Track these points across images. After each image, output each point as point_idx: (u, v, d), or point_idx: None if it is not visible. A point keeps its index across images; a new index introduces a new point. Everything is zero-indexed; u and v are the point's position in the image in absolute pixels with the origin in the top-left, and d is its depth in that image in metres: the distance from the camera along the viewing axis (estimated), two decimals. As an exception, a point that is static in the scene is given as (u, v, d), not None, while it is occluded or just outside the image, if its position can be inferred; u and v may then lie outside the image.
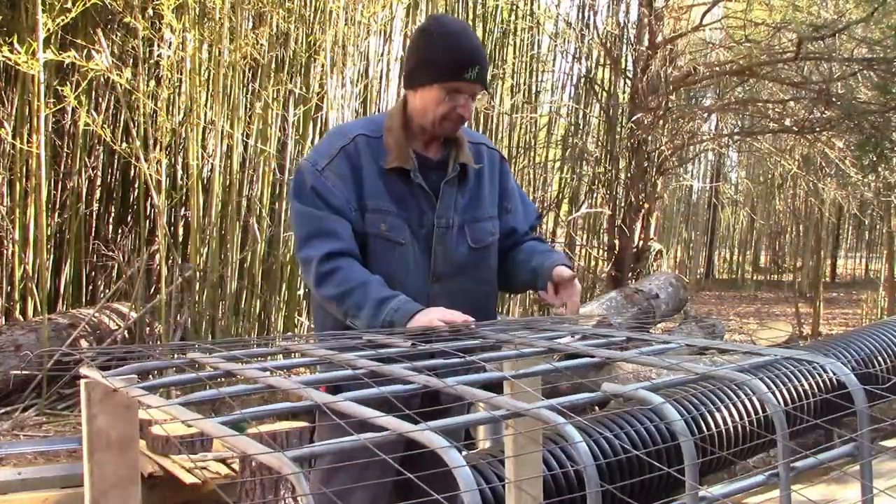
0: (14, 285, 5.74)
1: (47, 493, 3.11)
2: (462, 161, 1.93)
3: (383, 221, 1.85)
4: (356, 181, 1.86)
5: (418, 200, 1.89)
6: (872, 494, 1.12)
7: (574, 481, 2.71)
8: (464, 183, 1.96)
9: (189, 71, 5.16)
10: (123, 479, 1.10)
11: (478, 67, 1.85)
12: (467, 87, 1.86)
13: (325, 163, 1.87)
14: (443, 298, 1.85)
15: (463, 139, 1.96)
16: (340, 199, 1.84)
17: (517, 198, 2.10)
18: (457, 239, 1.92)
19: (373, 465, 1.73)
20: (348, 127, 2.00)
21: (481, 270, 1.98)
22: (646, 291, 5.95)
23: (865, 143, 6.54)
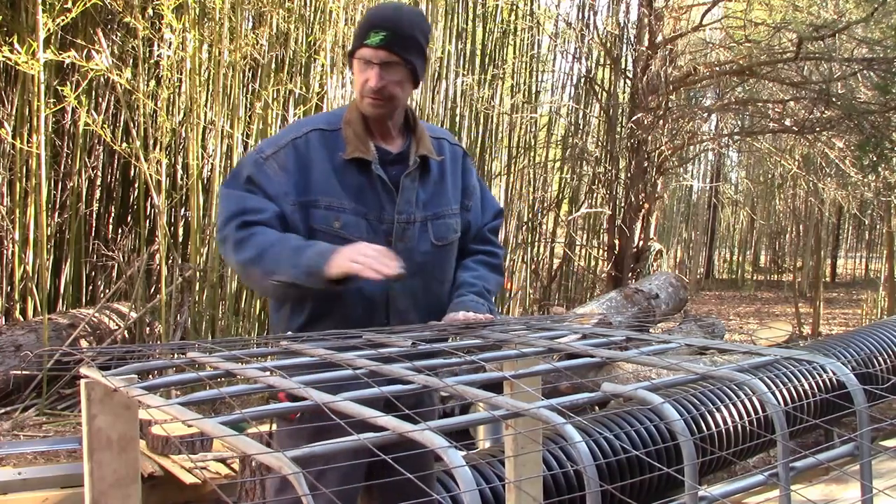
0: (14, 285, 5.74)
1: (47, 493, 3.11)
2: (422, 153, 1.84)
3: (336, 219, 1.76)
4: (301, 176, 1.77)
5: (378, 194, 1.79)
6: (872, 494, 1.12)
7: (574, 481, 2.71)
8: (425, 177, 1.86)
9: (189, 71, 5.16)
10: (123, 479, 1.10)
11: (383, 32, 1.72)
12: (371, 54, 1.73)
13: (271, 152, 1.79)
14: (404, 297, 1.80)
15: (423, 131, 1.88)
16: (276, 189, 1.75)
17: (477, 196, 2.01)
18: (419, 236, 1.83)
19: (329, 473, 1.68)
20: (306, 121, 1.91)
21: (443, 268, 1.90)
22: (646, 291, 5.95)
23: (865, 143, 6.54)
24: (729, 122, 9.93)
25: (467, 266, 1.94)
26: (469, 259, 1.97)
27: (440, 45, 7.16)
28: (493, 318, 1.72)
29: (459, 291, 1.88)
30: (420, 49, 1.79)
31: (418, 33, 1.78)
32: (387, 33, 1.72)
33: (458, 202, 1.93)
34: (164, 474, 3.08)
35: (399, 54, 1.74)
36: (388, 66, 1.74)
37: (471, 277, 1.91)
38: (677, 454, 3.01)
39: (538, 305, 8.16)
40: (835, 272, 18.63)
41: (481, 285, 1.89)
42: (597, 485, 0.92)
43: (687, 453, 0.97)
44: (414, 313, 1.82)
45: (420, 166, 1.84)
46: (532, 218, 8.36)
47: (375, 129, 1.83)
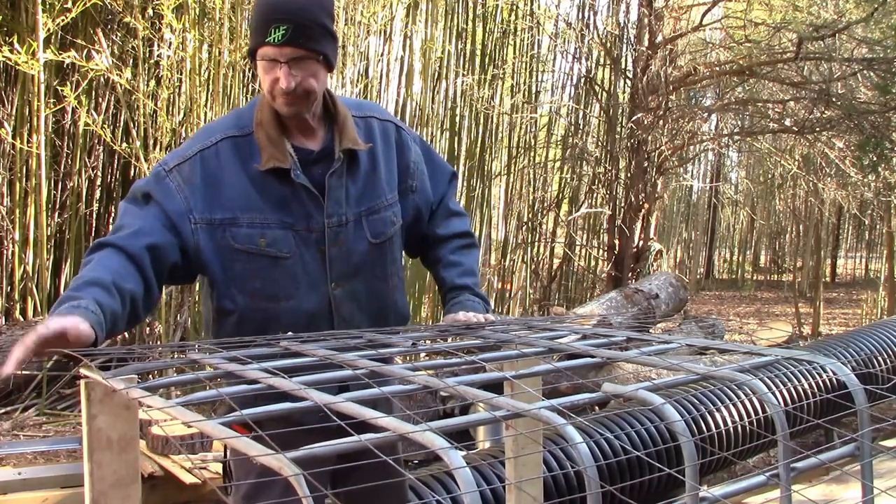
0: (14, 285, 5.73)
1: (47, 493, 3.11)
2: (347, 146, 1.65)
3: (262, 236, 1.60)
4: (211, 191, 1.60)
5: (303, 202, 1.62)
6: (873, 495, 1.12)
7: (574, 482, 2.71)
8: (354, 170, 1.68)
9: (189, 71, 5.16)
10: (123, 479, 1.10)
11: (283, 26, 1.52)
12: (276, 52, 1.54)
13: (175, 164, 1.61)
14: (347, 302, 1.68)
15: (346, 118, 1.68)
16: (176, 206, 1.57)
17: (422, 172, 1.82)
18: (354, 236, 1.68)
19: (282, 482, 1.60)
20: (215, 126, 1.70)
21: (386, 266, 1.75)
22: (646, 291, 5.95)
23: (865, 143, 6.54)
24: (729, 122, 9.93)
25: (448, 262, 1.83)
26: (444, 250, 1.85)
27: (440, 45, 7.16)
28: (493, 319, 1.71)
29: (452, 294, 1.79)
30: (327, 32, 1.61)
31: (322, 16, 1.59)
32: (288, 26, 1.53)
33: (395, 187, 1.76)
34: (164, 474, 3.07)
35: (306, 47, 1.56)
36: (297, 62, 1.56)
37: (458, 277, 1.81)
38: (678, 455, 3.01)
39: (538, 305, 8.16)
40: (835, 272, 18.63)
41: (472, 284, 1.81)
42: (597, 485, 0.91)
43: (687, 454, 0.97)
44: (360, 317, 1.72)
45: (347, 160, 1.67)
46: (532, 218, 8.35)
47: (292, 125, 1.65)
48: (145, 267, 1.52)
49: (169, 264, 1.58)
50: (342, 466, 1.63)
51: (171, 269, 1.59)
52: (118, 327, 1.44)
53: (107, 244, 1.52)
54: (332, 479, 1.73)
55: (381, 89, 6.78)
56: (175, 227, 1.58)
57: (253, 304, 1.64)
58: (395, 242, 1.78)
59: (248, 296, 1.63)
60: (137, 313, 1.51)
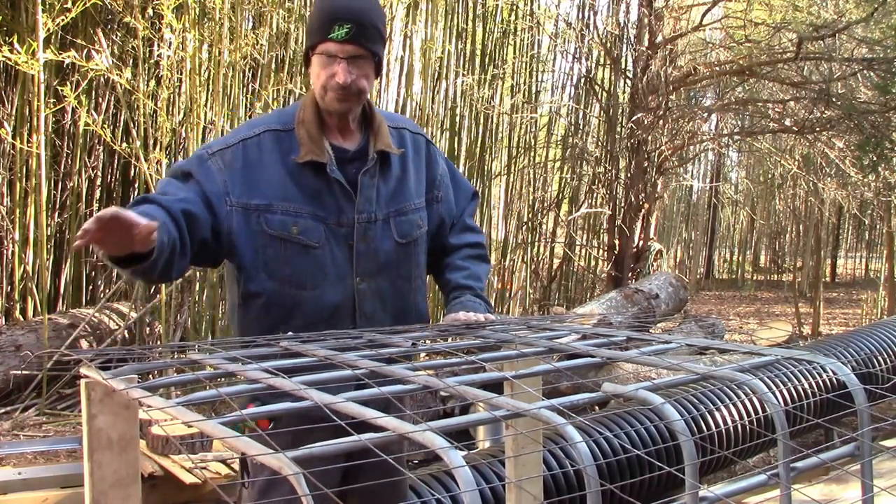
0: (14, 285, 5.73)
1: (47, 493, 3.11)
2: (381, 148, 1.76)
3: (295, 224, 1.69)
4: (249, 177, 1.69)
5: (336, 197, 1.72)
6: (873, 494, 1.12)
7: (574, 481, 2.71)
8: (386, 172, 1.78)
9: (189, 71, 5.16)
10: (123, 479, 1.10)
11: (347, 24, 1.64)
12: (337, 48, 1.65)
13: (218, 148, 1.72)
14: (370, 297, 1.75)
15: (381, 124, 1.79)
16: (215, 187, 1.67)
17: (447, 185, 1.92)
18: (381, 234, 1.76)
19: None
20: (258, 120, 1.82)
21: (409, 266, 1.82)
22: (646, 291, 5.95)
23: (865, 143, 6.54)
24: (729, 122, 9.93)
25: (456, 266, 1.89)
26: (454, 256, 1.91)
27: (440, 45, 7.16)
28: (493, 319, 1.72)
29: (454, 294, 1.84)
30: (383, 39, 1.73)
31: (380, 23, 1.71)
32: (352, 25, 1.64)
33: (423, 196, 1.85)
34: (164, 474, 3.07)
35: (367, 47, 1.67)
36: (354, 60, 1.67)
37: (462, 279, 1.86)
38: (678, 454, 3.01)
39: (538, 305, 8.16)
40: (835, 272, 18.63)
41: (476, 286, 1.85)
42: (597, 484, 0.91)
43: (687, 453, 0.97)
44: (382, 315, 1.77)
45: (379, 162, 1.77)
46: (532, 218, 8.35)
47: (333, 125, 1.75)
48: (182, 227, 1.60)
49: (199, 237, 1.65)
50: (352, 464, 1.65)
51: (201, 243, 1.66)
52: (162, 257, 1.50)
53: (150, 199, 1.60)
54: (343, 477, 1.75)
55: (381, 89, 6.78)
56: (212, 206, 1.66)
57: (280, 289, 1.70)
58: (420, 246, 1.85)
59: (277, 281, 1.70)
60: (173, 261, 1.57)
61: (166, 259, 1.54)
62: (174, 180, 1.70)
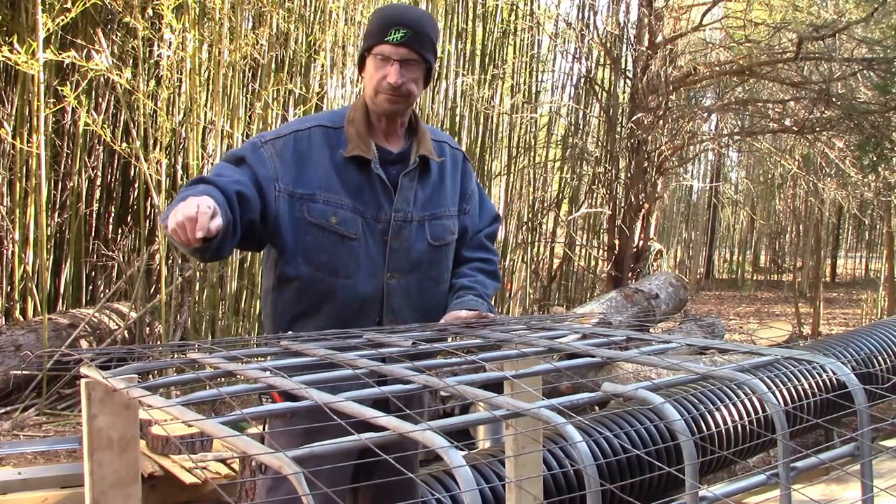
0: (14, 285, 5.73)
1: (47, 493, 3.11)
2: (423, 154, 1.86)
3: (334, 214, 1.77)
4: (297, 167, 1.78)
5: (376, 193, 1.81)
6: (873, 494, 1.12)
7: (574, 481, 2.71)
8: (425, 177, 1.88)
9: (189, 71, 5.16)
10: (123, 479, 1.10)
11: (403, 29, 1.75)
12: (391, 51, 1.76)
13: (270, 138, 1.82)
14: (398, 295, 1.82)
15: (425, 132, 1.90)
16: (265, 172, 1.76)
17: (476, 201, 2.03)
18: (416, 235, 1.84)
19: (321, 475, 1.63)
20: (310, 117, 1.92)
21: (439, 268, 1.90)
22: (646, 291, 5.95)
23: (865, 143, 6.54)
24: (729, 122, 9.94)
25: (464, 273, 1.96)
26: (465, 266, 1.98)
27: (440, 45, 7.16)
28: (494, 317, 1.73)
29: (458, 294, 1.89)
30: (435, 49, 1.84)
31: (433, 33, 1.83)
32: (407, 30, 1.75)
33: (456, 205, 1.95)
34: (164, 474, 3.07)
35: (419, 52, 1.78)
36: (407, 64, 1.77)
37: (468, 282, 1.93)
38: (678, 454, 3.01)
39: (538, 305, 8.16)
40: (835, 272, 18.64)
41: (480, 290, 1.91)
42: (597, 484, 0.92)
43: (687, 453, 0.97)
44: (408, 312, 1.84)
45: (420, 167, 1.86)
46: (532, 218, 8.35)
47: (380, 128, 1.85)
48: (235, 207, 1.68)
49: (249, 218, 1.72)
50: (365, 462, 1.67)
51: (249, 224, 1.73)
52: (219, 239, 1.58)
53: (207, 180, 1.69)
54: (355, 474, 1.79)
55: (381, 89, 6.77)
56: (262, 190, 1.75)
57: (315, 275, 1.78)
58: (451, 252, 1.94)
59: (313, 267, 1.78)
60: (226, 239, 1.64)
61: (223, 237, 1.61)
62: (228, 164, 1.79)
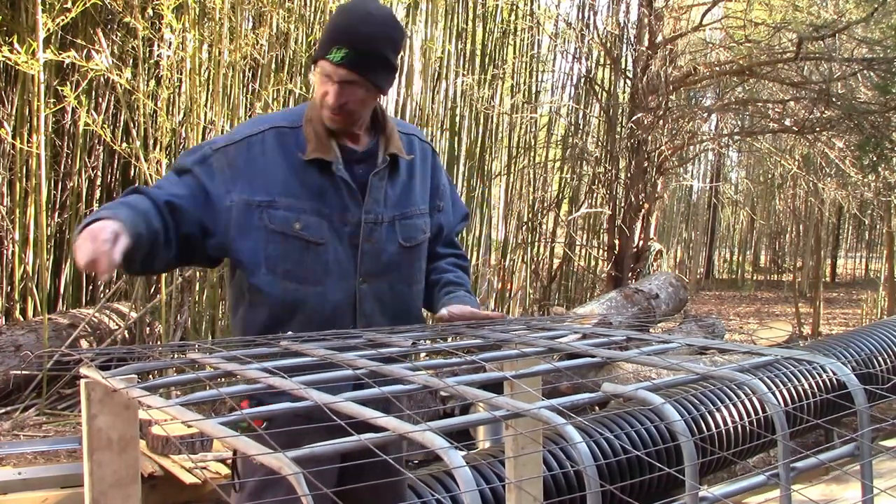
0: (14, 285, 5.73)
1: (47, 493, 3.11)
2: (392, 152, 1.76)
3: (297, 220, 1.68)
4: (253, 173, 1.69)
5: (341, 195, 1.71)
6: (873, 494, 1.12)
7: (574, 481, 2.71)
8: (394, 175, 1.79)
9: (189, 71, 5.15)
10: (123, 479, 1.10)
11: (345, 49, 1.62)
12: (332, 70, 1.64)
13: (222, 145, 1.72)
14: (370, 299, 1.75)
15: (392, 128, 1.80)
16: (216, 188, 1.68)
17: (448, 196, 1.95)
18: (387, 236, 1.76)
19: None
20: (264, 118, 1.82)
21: (412, 271, 1.82)
22: (646, 291, 5.95)
23: (865, 143, 6.54)
24: (729, 122, 9.94)
25: (443, 268, 1.90)
26: (443, 262, 1.92)
27: (440, 45, 7.16)
28: (503, 316, 1.72)
29: (447, 288, 1.84)
30: (387, 66, 1.70)
31: (386, 49, 1.68)
32: (348, 51, 1.62)
33: (427, 202, 1.87)
34: (164, 474, 3.07)
35: (360, 74, 1.65)
36: (348, 84, 1.65)
37: (454, 277, 1.88)
38: (678, 454, 3.01)
39: (538, 305, 8.15)
40: (835, 272, 18.64)
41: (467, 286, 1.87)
42: (597, 485, 0.91)
43: (687, 453, 0.97)
44: (380, 317, 1.77)
45: (389, 165, 1.78)
46: (532, 218, 8.35)
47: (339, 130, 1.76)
48: (167, 219, 1.64)
49: (184, 230, 1.67)
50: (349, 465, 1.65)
51: (185, 237, 1.68)
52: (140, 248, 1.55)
53: (140, 191, 1.68)
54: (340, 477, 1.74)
55: (381, 89, 6.77)
56: (208, 202, 1.68)
57: (282, 284, 1.70)
58: (422, 251, 1.85)
59: (279, 276, 1.70)
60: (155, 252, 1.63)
61: (147, 250, 1.58)
62: (171, 175, 1.74)
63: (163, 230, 1.62)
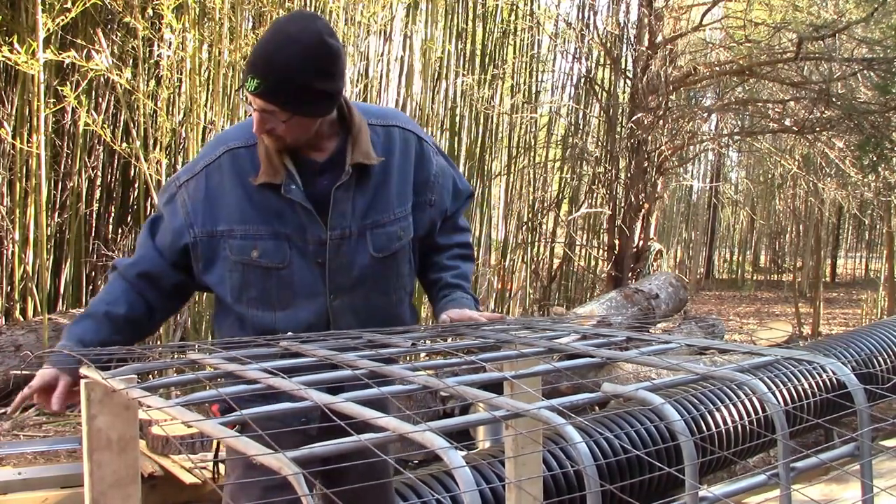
0: (14, 285, 5.73)
1: (47, 493, 3.11)
2: (358, 161, 1.65)
3: (254, 248, 1.64)
4: (212, 204, 1.65)
5: (298, 216, 1.64)
6: (873, 494, 1.12)
7: (574, 481, 2.71)
8: (364, 182, 1.68)
9: (189, 71, 5.15)
10: (123, 479, 1.10)
11: (258, 79, 1.54)
12: (251, 98, 1.57)
13: (185, 179, 1.69)
14: (346, 314, 1.69)
15: (361, 129, 1.67)
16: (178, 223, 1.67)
17: (441, 186, 1.81)
18: (356, 248, 1.68)
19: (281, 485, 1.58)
20: (222, 137, 1.76)
21: (388, 280, 1.74)
22: (646, 291, 5.95)
23: (865, 143, 6.54)
24: (729, 122, 9.94)
25: (444, 265, 1.84)
26: (443, 256, 1.85)
27: (440, 45, 7.16)
28: (503, 317, 1.70)
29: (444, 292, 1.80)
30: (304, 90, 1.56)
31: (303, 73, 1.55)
32: (259, 81, 1.55)
33: (408, 200, 1.75)
34: (164, 474, 3.07)
35: (275, 104, 1.56)
36: (267, 113, 1.58)
37: (452, 277, 1.82)
38: (678, 454, 3.01)
39: (538, 305, 8.15)
40: (835, 272, 18.63)
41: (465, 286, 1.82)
42: (597, 485, 0.92)
43: (687, 453, 0.97)
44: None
45: (356, 174, 1.67)
46: (532, 218, 8.35)
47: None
48: (143, 290, 1.69)
49: (168, 286, 1.71)
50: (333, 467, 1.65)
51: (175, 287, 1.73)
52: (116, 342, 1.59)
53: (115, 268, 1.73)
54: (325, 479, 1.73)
55: (381, 89, 6.78)
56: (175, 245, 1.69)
57: (249, 311, 1.69)
58: (402, 257, 1.76)
59: (244, 304, 1.69)
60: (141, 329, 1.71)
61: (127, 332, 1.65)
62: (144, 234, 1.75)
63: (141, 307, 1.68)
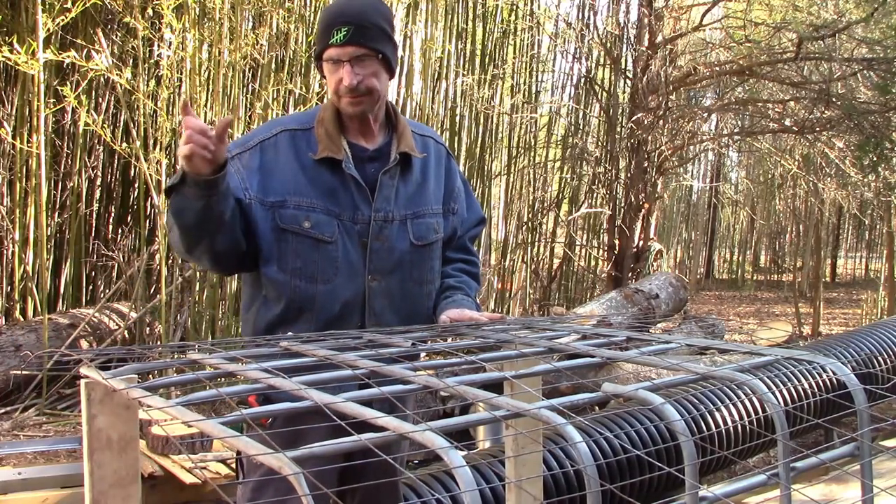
0: (14, 285, 5.73)
1: (47, 493, 3.11)
2: (404, 150, 1.78)
3: (306, 218, 1.71)
4: (265, 175, 1.73)
5: (351, 194, 1.74)
6: (873, 494, 1.12)
7: (574, 481, 2.71)
8: (407, 174, 1.81)
9: (189, 71, 5.15)
10: (123, 479, 1.10)
11: (344, 27, 1.67)
12: (339, 52, 1.68)
13: (237, 152, 1.76)
14: (380, 297, 1.76)
15: (405, 127, 1.83)
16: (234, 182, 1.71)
17: (462, 200, 1.96)
18: (398, 234, 1.78)
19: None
20: (277, 122, 1.86)
21: (423, 270, 1.83)
22: (646, 291, 5.95)
23: (865, 143, 6.54)
24: (729, 122, 9.94)
25: (448, 273, 1.91)
26: (448, 267, 1.93)
27: (440, 45, 7.16)
28: (503, 317, 1.71)
29: (445, 294, 1.85)
30: (386, 36, 1.73)
31: (381, 20, 1.72)
32: (349, 27, 1.67)
33: (440, 203, 1.88)
34: (164, 474, 3.07)
35: (367, 46, 1.69)
36: (359, 61, 1.69)
37: (454, 282, 1.89)
38: (678, 454, 3.01)
39: (538, 305, 8.16)
40: (835, 272, 18.64)
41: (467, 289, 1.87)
42: (597, 484, 0.91)
43: (687, 453, 0.97)
44: (390, 315, 1.78)
45: (401, 163, 1.79)
46: (532, 218, 8.35)
47: (353, 126, 1.78)
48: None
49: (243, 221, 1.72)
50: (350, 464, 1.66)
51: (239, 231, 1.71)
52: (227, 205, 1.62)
53: None
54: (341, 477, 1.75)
55: (381, 89, 6.76)
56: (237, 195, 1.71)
57: (292, 282, 1.73)
58: (436, 251, 1.86)
59: (288, 274, 1.73)
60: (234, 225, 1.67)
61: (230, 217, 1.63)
62: None
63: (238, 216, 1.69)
